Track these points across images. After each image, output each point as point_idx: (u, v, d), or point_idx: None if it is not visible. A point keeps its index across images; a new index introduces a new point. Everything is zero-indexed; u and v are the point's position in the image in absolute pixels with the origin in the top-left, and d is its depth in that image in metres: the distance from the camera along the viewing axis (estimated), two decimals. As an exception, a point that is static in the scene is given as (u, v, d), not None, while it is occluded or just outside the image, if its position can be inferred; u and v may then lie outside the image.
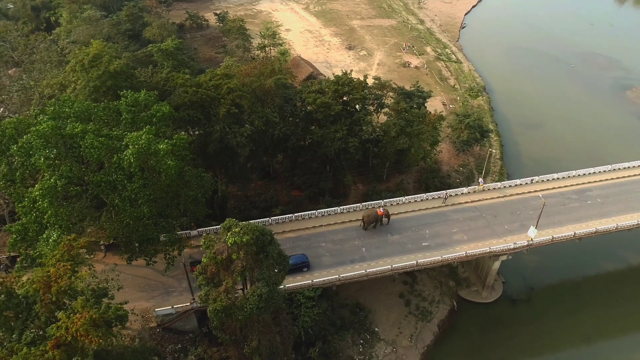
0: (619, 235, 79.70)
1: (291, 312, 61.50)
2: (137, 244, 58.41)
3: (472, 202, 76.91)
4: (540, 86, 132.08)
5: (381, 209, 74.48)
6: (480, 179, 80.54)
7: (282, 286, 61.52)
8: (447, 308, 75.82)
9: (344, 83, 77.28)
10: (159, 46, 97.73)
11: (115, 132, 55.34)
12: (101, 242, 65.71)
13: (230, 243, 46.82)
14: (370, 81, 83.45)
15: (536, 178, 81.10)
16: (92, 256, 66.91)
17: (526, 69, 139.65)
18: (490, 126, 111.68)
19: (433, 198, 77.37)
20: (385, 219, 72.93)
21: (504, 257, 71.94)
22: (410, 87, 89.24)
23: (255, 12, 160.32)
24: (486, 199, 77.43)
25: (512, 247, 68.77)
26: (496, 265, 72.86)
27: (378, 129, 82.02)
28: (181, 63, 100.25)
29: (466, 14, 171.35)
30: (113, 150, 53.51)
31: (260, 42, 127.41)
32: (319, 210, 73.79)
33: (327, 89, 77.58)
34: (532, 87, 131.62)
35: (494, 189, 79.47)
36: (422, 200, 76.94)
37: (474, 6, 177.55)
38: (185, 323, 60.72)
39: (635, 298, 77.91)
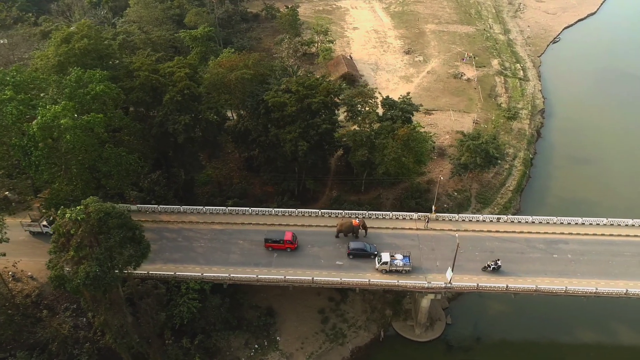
0: (613, 304, 67.57)
1: (174, 300, 62.81)
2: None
3: (417, 229, 70.41)
4: (617, 118, 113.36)
5: (357, 219, 71.90)
6: (433, 207, 72.93)
7: (174, 273, 63.89)
8: (370, 336, 71.02)
9: (308, 86, 75.44)
10: (190, 33, 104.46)
11: (40, 103, 61.35)
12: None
13: (68, 218, 49.84)
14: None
15: (503, 217, 71.48)
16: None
17: (610, 97, 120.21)
18: (520, 154, 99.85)
19: (379, 218, 72.47)
20: (362, 231, 70.10)
21: (432, 296, 65.10)
22: (399, 98, 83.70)
23: (333, 9, 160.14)
24: (434, 230, 70.29)
25: (425, 285, 61.96)
26: (425, 302, 66.28)
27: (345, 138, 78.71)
28: (209, 49, 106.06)
29: (566, 27, 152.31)
30: (30, 119, 59.66)
31: (309, 37, 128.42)
32: (252, 209, 73.62)
33: (293, 89, 76.37)
34: (605, 118, 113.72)
35: (449, 220, 71.71)
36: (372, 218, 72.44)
37: (580, 19, 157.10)
38: (88, 287, 65.44)
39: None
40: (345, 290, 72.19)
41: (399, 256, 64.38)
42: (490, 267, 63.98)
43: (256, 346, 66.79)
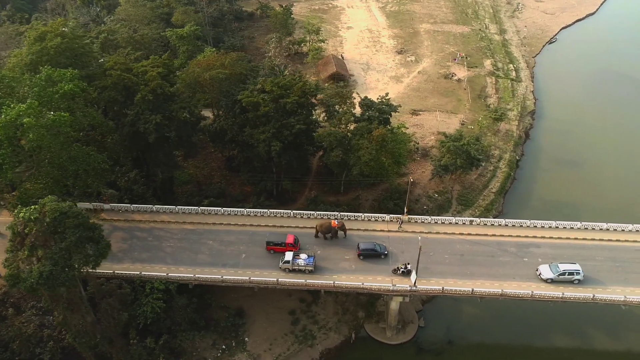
0: (587, 307, 65.98)
1: (139, 299, 62.67)
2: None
3: (388, 231, 69.66)
4: (609, 120, 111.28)
5: (336, 220, 71.52)
6: (405, 209, 72.01)
7: (140, 272, 63.77)
8: (340, 338, 70.33)
9: (282, 86, 74.96)
10: (176, 32, 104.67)
11: (7, 102, 61.47)
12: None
13: (22, 217, 49.88)
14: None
15: (476, 220, 70.47)
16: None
17: (603, 99, 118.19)
18: (506, 155, 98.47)
19: (351, 219, 71.84)
20: (341, 232, 69.60)
21: (400, 298, 64.35)
22: (378, 99, 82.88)
23: (329, 8, 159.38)
24: (406, 232, 69.45)
25: (390, 288, 61.20)
26: (393, 305, 65.56)
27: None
28: (197, 48, 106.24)
29: (564, 27, 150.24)
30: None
31: (300, 37, 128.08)
32: (225, 209, 73.32)
33: (268, 89, 75.94)
34: (596, 120, 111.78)
35: (422, 222, 70.81)
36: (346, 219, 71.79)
37: (579, 20, 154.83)
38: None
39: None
40: (317, 291, 71.65)
41: (303, 255, 64.30)
42: (399, 271, 63.65)
43: (223, 347, 66.46)
